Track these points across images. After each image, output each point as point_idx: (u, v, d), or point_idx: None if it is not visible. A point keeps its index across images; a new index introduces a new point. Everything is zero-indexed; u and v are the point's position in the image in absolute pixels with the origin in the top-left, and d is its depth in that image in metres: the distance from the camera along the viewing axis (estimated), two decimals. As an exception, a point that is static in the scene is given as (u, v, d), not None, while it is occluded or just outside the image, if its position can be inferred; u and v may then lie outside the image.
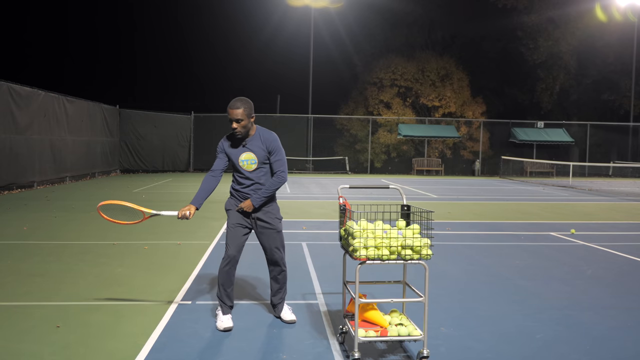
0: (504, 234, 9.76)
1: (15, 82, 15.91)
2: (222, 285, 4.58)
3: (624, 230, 10.46)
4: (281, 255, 4.69)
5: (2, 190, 14.98)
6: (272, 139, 4.59)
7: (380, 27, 33.97)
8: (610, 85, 33.43)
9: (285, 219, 4.67)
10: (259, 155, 4.54)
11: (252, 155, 4.54)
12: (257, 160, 4.54)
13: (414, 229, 3.94)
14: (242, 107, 4.45)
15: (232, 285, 4.61)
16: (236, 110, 4.44)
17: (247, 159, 4.54)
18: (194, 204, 4.53)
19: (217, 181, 4.66)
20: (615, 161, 30.13)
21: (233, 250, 4.55)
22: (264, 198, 4.54)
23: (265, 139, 4.56)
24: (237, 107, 4.45)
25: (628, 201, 16.03)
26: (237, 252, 4.57)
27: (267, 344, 4.28)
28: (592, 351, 4.21)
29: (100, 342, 4.23)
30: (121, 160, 25.44)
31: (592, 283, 6.28)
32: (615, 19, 31.10)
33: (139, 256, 7.30)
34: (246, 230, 4.64)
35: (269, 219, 4.61)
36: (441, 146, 31.00)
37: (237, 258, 4.58)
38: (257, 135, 4.58)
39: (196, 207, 4.53)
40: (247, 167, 4.55)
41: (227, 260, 4.55)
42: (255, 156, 4.54)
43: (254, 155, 4.54)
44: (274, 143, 4.57)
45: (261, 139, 4.56)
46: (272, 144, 4.56)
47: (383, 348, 4.22)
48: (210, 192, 4.64)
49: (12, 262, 6.83)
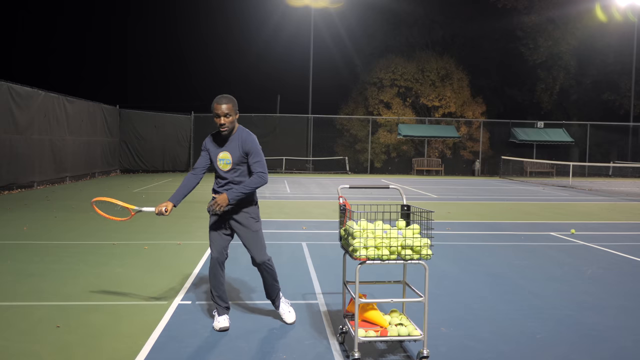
0: (504, 234, 9.75)
1: (15, 82, 15.91)
2: (213, 288, 4.59)
3: (624, 230, 10.45)
4: (260, 255, 4.58)
5: (2, 190, 14.98)
6: (250, 140, 4.52)
7: (380, 27, 33.97)
8: (610, 85, 33.43)
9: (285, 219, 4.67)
10: (234, 156, 4.51)
11: (228, 155, 4.52)
12: (231, 160, 4.51)
13: (414, 229, 3.94)
14: (229, 102, 4.46)
15: (222, 287, 4.59)
16: (223, 105, 4.43)
17: (223, 158, 4.53)
18: (171, 201, 4.52)
19: (198, 179, 4.65)
20: (615, 161, 30.13)
21: (216, 252, 4.54)
22: (241, 194, 4.43)
23: (244, 140, 4.51)
24: (224, 102, 4.45)
25: (628, 201, 16.02)
26: (220, 254, 4.55)
27: (267, 344, 4.28)
28: (592, 351, 4.21)
29: (100, 342, 4.23)
30: (121, 160, 25.43)
31: (592, 283, 6.28)
32: (615, 19, 31.11)
33: (139, 256, 7.29)
34: (228, 231, 4.61)
35: (243, 219, 4.56)
36: (441, 146, 31.00)
37: (221, 259, 4.55)
38: (237, 136, 4.54)
39: (173, 204, 4.52)
40: (223, 167, 4.54)
41: (212, 263, 4.55)
42: (230, 156, 4.51)
43: (230, 155, 4.51)
44: (252, 145, 4.49)
45: (240, 140, 4.52)
46: (249, 146, 4.49)
47: (383, 348, 4.22)
48: (190, 190, 4.62)
49: (12, 262, 6.83)
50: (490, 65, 34.48)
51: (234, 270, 6.38)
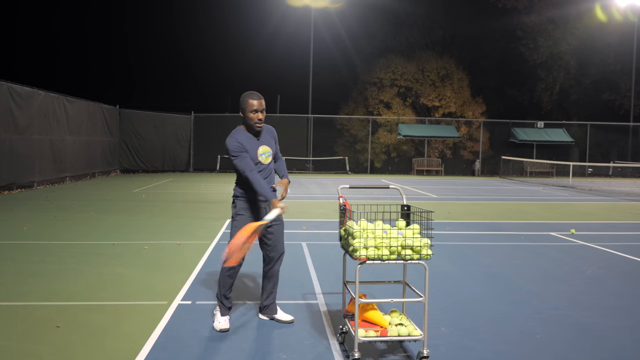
0: (504, 234, 9.76)
1: (15, 82, 15.91)
2: (222, 286, 4.59)
3: (624, 230, 10.45)
4: (283, 246, 4.74)
5: (2, 190, 14.98)
6: (272, 129, 4.77)
7: (380, 27, 33.96)
8: (610, 85, 33.43)
9: (285, 219, 4.66)
10: (272, 147, 4.67)
11: (267, 148, 4.63)
12: (271, 152, 4.66)
13: (414, 229, 3.94)
14: (263, 98, 4.55)
15: (231, 289, 4.63)
16: (262, 100, 4.52)
17: (265, 152, 4.60)
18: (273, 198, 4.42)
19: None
20: (615, 161, 30.12)
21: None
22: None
23: (270, 131, 4.73)
24: (261, 97, 4.53)
25: (628, 201, 16.02)
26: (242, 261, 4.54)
27: (267, 344, 4.28)
28: (592, 351, 4.21)
29: (100, 342, 4.23)
30: (121, 160, 25.43)
31: (592, 283, 6.28)
32: (615, 19, 31.11)
33: (139, 256, 7.30)
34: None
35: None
36: (441, 146, 31.00)
37: (240, 266, 4.58)
38: (265, 129, 4.68)
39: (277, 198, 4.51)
40: (265, 160, 4.60)
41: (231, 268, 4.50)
42: (269, 148, 4.65)
43: (269, 148, 4.64)
44: (275, 132, 4.78)
45: (268, 132, 4.69)
46: (275, 134, 4.75)
47: (383, 348, 4.22)
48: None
49: (12, 262, 6.83)
50: (490, 65, 34.47)
51: (234, 270, 6.38)
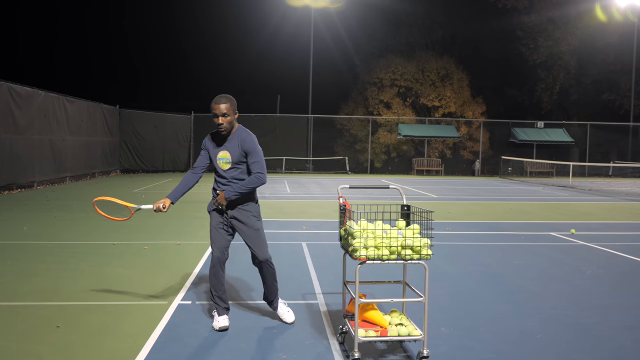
0: (504, 234, 9.76)
1: (15, 82, 15.91)
2: (212, 288, 4.59)
3: (624, 230, 10.45)
4: (263, 252, 4.59)
5: (2, 190, 14.98)
6: (249, 140, 4.53)
7: (380, 27, 33.97)
8: (610, 85, 33.44)
9: (285, 219, 4.67)
10: (233, 155, 4.52)
11: (227, 154, 4.53)
12: (231, 159, 4.53)
13: (414, 229, 3.94)
14: (227, 102, 4.48)
15: (222, 287, 4.60)
16: (222, 105, 4.45)
17: (223, 157, 4.55)
18: (169, 198, 4.57)
19: (197, 178, 4.69)
20: (615, 161, 30.13)
21: (217, 252, 4.55)
22: (238, 193, 4.47)
23: (243, 140, 4.53)
24: (222, 102, 4.46)
25: (628, 201, 16.02)
26: (221, 253, 4.56)
27: (267, 344, 4.28)
28: (592, 351, 4.21)
29: (100, 342, 4.23)
30: (121, 160, 25.44)
31: (592, 283, 6.28)
32: (615, 19, 31.11)
33: (139, 256, 7.30)
34: (229, 230, 4.63)
35: (244, 218, 4.57)
36: (441, 146, 31.00)
37: (222, 259, 4.57)
38: (237, 135, 4.56)
39: (171, 201, 4.56)
40: (222, 166, 4.56)
41: (212, 262, 4.56)
42: (229, 155, 4.53)
43: (229, 154, 4.53)
44: (251, 144, 4.50)
45: (239, 139, 4.53)
46: (247, 145, 4.50)
47: (383, 348, 4.22)
48: (189, 188, 4.66)
49: (12, 262, 6.83)
50: (490, 65, 34.48)
51: (233, 270, 6.38)
